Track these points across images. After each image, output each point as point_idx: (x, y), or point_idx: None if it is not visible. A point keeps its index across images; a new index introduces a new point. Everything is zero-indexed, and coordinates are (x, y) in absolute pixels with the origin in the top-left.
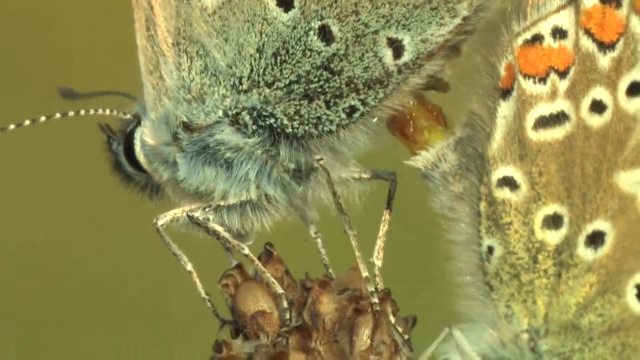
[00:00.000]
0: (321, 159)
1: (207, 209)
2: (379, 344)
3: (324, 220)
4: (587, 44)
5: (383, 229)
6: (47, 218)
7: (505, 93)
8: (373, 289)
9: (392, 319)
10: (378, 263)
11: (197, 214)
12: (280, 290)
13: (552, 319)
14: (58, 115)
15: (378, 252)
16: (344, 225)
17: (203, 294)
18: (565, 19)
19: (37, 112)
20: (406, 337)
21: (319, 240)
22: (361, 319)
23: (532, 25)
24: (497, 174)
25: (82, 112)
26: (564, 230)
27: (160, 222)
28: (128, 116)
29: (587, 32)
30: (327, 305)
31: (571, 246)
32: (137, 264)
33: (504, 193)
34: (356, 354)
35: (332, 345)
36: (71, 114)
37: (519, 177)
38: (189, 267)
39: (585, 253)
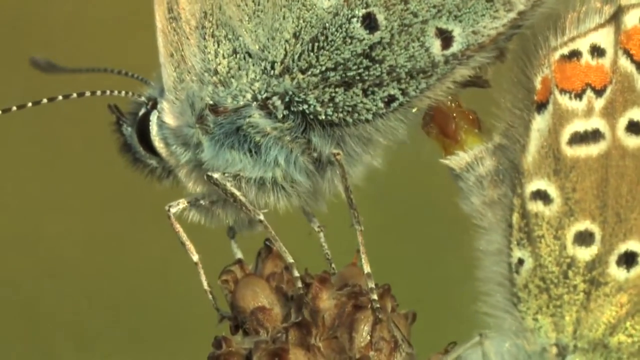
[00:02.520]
0: (338, 153)
1: (226, 174)
2: (378, 340)
3: (323, 214)
4: (625, 64)
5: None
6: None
7: (541, 106)
8: (373, 285)
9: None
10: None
11: (217, 175)
12: (290, 260)
13: (581, 336)
14: (60, 97)
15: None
16: (352, 220)
17: (205, 286)
18: (604, 38)
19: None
20: (406, 333)
21: (321, 235)
22: (361, 315)
23: (570, 40)
24: (531, 186)
25: (90, 93)
26: (595, 248)
27: (172, 210)
28: (143, 98)
29: (627, 53)
30: (327, 302)
31: (603, 264)
32: (134, 262)
33: (537, 206)
34: (356, 350)
35: (332, 341)
36: (74, 95)
37: (552, 191)
38: (195, 257)
39: (617, 272)
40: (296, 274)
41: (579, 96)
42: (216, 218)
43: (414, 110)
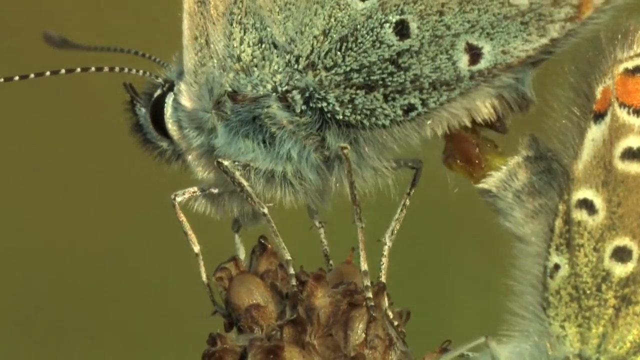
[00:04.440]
0: (345, 147)
1: (236, 163)
2: (373, 338)
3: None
4: None
5: (401, 213)
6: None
7: (598, 116)
8: (368, 283)
9: (389, 313)
10: (389, 244)
11: (227, 163)
12: (288, 257)
13: (605, 351)
14: (79, 69)
15: (391, 234)
16: (354, 216)
17: (204, 277)
18: None
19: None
20: (400, 330)
21: (322, 231)
22: (355, 313)
23: (636, 55)
24: (578, 194)
25: (108, 69)
26: (630, 266)
27: (178, 199)
28: (159, 80)
29: None
30: (322, 299)
31: (636, 283)
32: (132, 258)
33: (581, 215)
34: (350, 347)
35: (327, 339)
36: (93, 69)
37: (598, 202)
38: (197, 249)
39: None
40: (291, 271)
41: (638, 112)
42: (221, 209)
43: (429, 122)
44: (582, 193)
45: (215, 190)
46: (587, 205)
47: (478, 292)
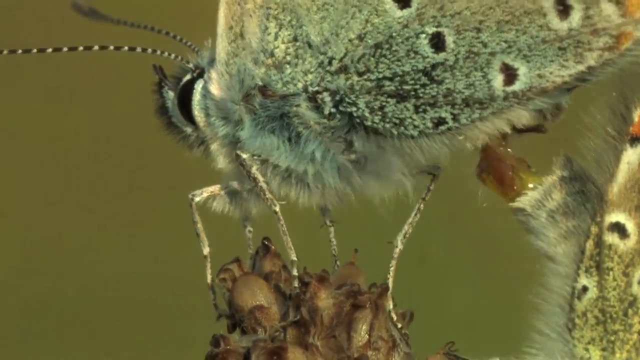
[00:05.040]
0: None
1: (255, 157)
2: (376, 339)
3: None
4: None
5: (415, 217)
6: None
7: (634, 140)
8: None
9: (393, 315)
10: (400, 246)
11: (245, 156)
12: (293, 258)
13: None
14: (112, 47)
15: (403, 237)
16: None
17: (209, 280)
18: None
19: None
20: (404, 332)
21: (331, 230)
22: (359, 314)
23: None
24: (611, 217)
25: (141, 49)
26: None
27: (196, 199)
28: (190, 65)
29: None
30: (325, 300)
31: None
32: (134, 258)
33: (612, 238)
34: (354, 349)
35: (330, 340)
36: (125, 49)
37: (630, 226)
38: (206, 251)
39: None
40: (295, 272)
41: None
42: (241, 208)
43: (460, 137)
44: (615, 216)
45: (236, 185)
46: (619, 228)
47: (482, 294)
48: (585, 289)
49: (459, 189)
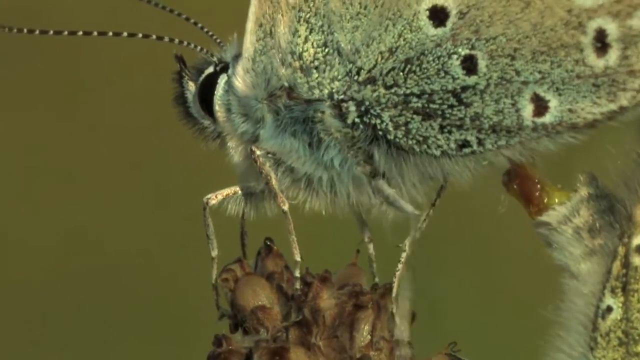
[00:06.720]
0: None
1: (269, 155)
2: (379, 339)
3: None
4: None
5: (423, 223)
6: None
7: None
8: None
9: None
10: (408, 251)
11: (259, 152)
12: (298, 258)
13: None
14: (140, 35)
15: (411, 242)
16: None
17: (214, 281)
18: None
19: None
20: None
21: (371, 246)
22: (361, 314)
23: None
24: (639, 239)
25: (168, 39)
26: None
27: (211, 202)
28: (214, 58)
29: None
30: (327, 301)
31: None
32: (135, 258)
33: (639, 260)
34: (356, 349)
35: (332, 340)
36: (154, 37)
37: None
38: (214, 253)
39: None
40: (297, 273)
41: None
42: (256, 208)
43: (484, 162)
44: None
45: (252, 184)
46: None
47: (484, 295)
48: (609, 309)
49: (460, 189)
